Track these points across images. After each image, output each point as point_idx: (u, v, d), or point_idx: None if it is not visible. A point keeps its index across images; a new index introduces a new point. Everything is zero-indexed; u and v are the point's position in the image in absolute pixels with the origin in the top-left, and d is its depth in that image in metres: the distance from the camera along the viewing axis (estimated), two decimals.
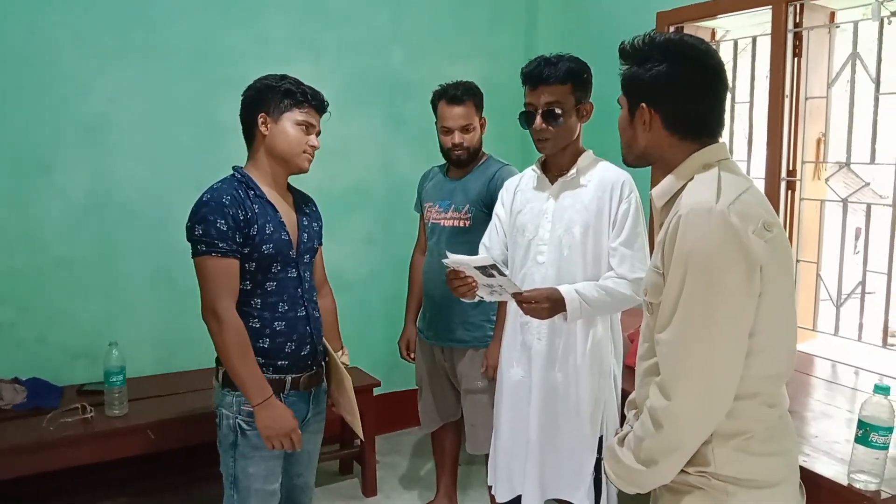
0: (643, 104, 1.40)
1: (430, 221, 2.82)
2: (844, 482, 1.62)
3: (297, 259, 2.05)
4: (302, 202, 2.17)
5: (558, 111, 2.08)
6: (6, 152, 2.92)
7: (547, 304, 2.02)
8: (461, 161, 2.71)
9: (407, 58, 3.75)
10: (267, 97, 1.99)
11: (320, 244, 2.25)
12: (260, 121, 1.99)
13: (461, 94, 2.64)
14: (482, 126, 2.73)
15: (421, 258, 2.92)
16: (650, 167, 1.52)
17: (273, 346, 1.98)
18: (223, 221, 1.88)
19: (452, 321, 2.73)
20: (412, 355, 2.97)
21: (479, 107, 2.69)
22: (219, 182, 1.98)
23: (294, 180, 2.18)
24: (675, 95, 1.39)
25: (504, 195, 2.37)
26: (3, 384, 2.83)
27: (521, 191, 2.30)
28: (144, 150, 3.14)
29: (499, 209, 2.37)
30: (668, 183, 1.42)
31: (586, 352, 2.15)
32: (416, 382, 2.99)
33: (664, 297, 1.32)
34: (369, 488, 3.30)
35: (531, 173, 2.29)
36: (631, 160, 1.52)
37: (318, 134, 2.09)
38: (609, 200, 2.11)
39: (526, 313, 2.07)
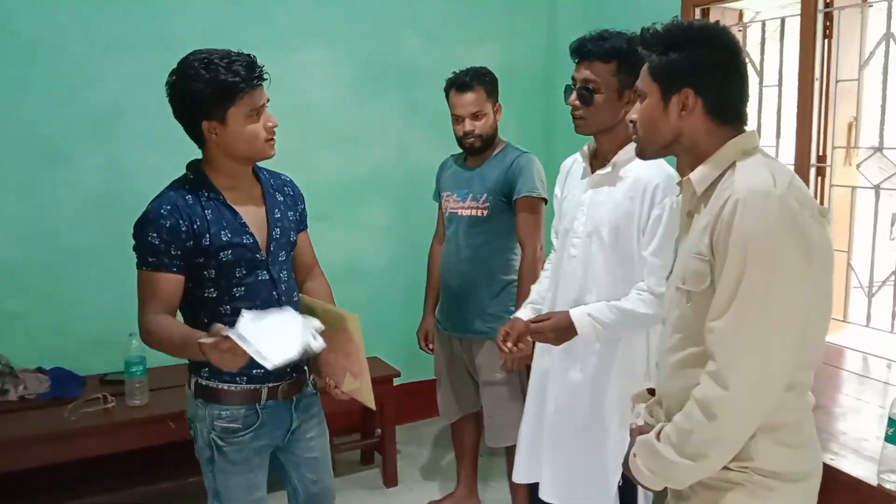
0: (687, 89, 1.38)
1: (447, 211, 2.79)
2: (874, 482, 1.56)
3: (269, 259, 1.88)
4: (275, 189, 1.96)
5: (593, 88, 1.96)
6: (20, 144, 2.94)
7: (552, 335, 2.02)
8: (475, 149, 2.67)
9: (422, 43, 3.70)
10: (201, 102, 1.73)
11: (303, 229, 2.07)
12: (206, 129, 1.77)
13: (470, 80, 2.58)
14: (496, 112, 2.67)
15: (439, 248, 2.89)
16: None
17: None
18: (154, 235, 1.74)
19: (470, 312, 2.70)
20: (430, 346, 2.95)
21: (490, 92, 2.63)
22: (169, 186, 1.84)
23: (308, 169, 2.11)
24: (721, 79, 1.38)
25: (560, 175, 2.28)
26: (26, 373, 2.87)
27: (569, 174, 2.23)
28: (157, 139, 3.12)
29: (557, 190, 2.29)
30: (707, 169, 1.39)
31: (615, 356, 2.06)
32: (434, 373, 2.97)
33: (721, 284, 1.29)
34: (390, 478, 3.29)
35: (579, 158, 2.18)
36: (652, 151, 1.49)
37: (267, 101, 1.84)
38: (640, 203, 1.97)
39: (536, 341, 2.07)
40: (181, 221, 1.75)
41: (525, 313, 2.24)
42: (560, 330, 2.01)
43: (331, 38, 3.49)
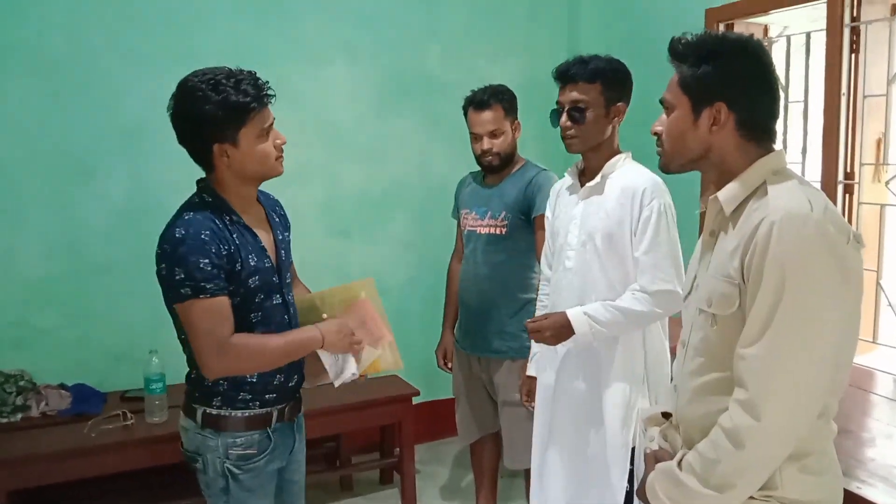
0: (720, 103, 1.34)
1: (466, 229, 2.77)
2: None
3: (280, 282, 1.86)
4: (270, 209, 1.93)
5: (583, 107, 2.07)
6: (48, 158, 3.00)
7: (549, 333, 2.07)
8: (493, 167, 2.65)
9: (444, 57, 3.71)
10: (213, 124, 1.68)
11: None
12: (217, 153, 1.71)
13: (487, 98, 2.58)
14: (515, 130, 2.66)
15: (458, 266, 2.87)
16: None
17: (261, 379, 1.81)
18: (206, 261, 1.65)
19: (489, 331, 2.67)
20: (449, 365, 2.92)
21: (508, 110, 2.62)
22: (189, 210, 1.74)
23: (331, 184, 2.10)
24: (754, 94, 1.34)
25: (551, 198, 2.38)
26: (49, 390, 2.90)
27: (559, 194, 2.32)
28: (182, 154, 3.15)
29: (548, 213, 2.38)
30: (737, 188, 1.35)
31: (614, 359, 2.12)
32: (453, 392, 2.93)
33: (754, 309, 1.24)
34: (409, 499, 3.25)
35: (567, 176, 2.28)
36: (678, 165, 1.44)
37: (274, 119, 1.80)
38: (630, 208, 2.07)
39: (535, 341, 2.13)
40: (222, 247, 1.70)
41: (534, 370, 2.37)
42: (557, 328, 2.07)
43: (353, 53, 3.52)
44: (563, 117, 2.11)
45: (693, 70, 1.36)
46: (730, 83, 1.33)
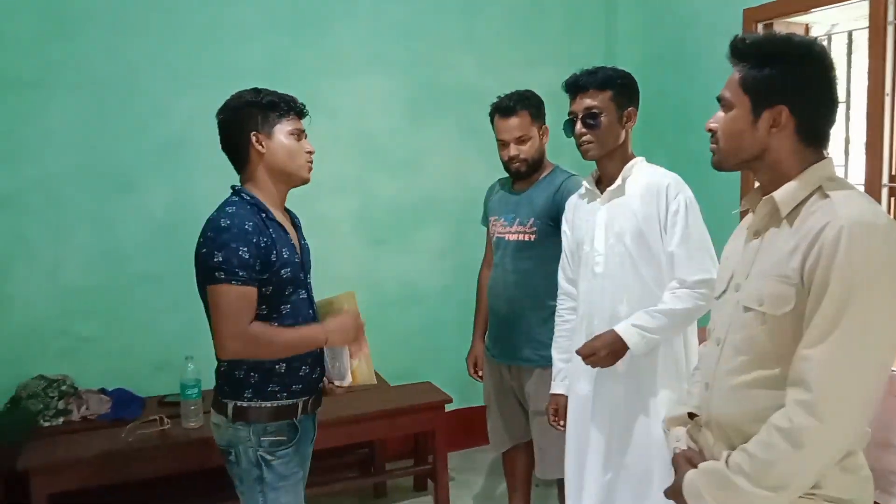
0: (781, 106, 1.33)
1: (495, 236, 2.75)
2: None
3: (305, 279, 2.01)
4: (295, 219, 2.11)
5: (597, 113, 2.12)
6: (90, 173, 3.10)
7: (604, 353, 2.06)
8: (520, 173, 2.63)
9: (479, 67, 3.71)
10: (252, 114, 1.92)
11: None
12: (253, 139, 1.91)
13: (513, 104, 2.56)
14: (542, 135, 2.63)
15: (488, 273, 2.84)
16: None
17: (290, 370, 1.92)
18: (245, 249, 1.80)
19: (518, 339, 2.64)
20: (480, 373, 2.90)
21: (535, 116, 2.59)
22: (231, 206, 1.89)
23: (366, 193, 2.14)
24: (816, 100, 1.34)
25: (567, 213, 2.39)
26: (90, 394, 2.98)
27: (575, 207, 2.33)
28: (220, 167, 3.20)
29: (565, 227, 2.39)
30: (794, 190, 1.34)
31: (657, 361, 2.12)
32: (484, 401, 2.91)
33: (820, 311, 1.24)
34: None
35: (584, 186, 2.30)
36: (731, 164, 1.44)
37: (306, 136, 2.02)
38: (657, 204, 2.10)
39: (593, 366, 2.10)
40: (261, 238, 1.84)
41: (560, 387, 2.35)
42: (610, 345, 2.07)
43: (387, 64, 3.54)
44: (578, 125, 2.15)
45: (756, 71, 1.35)
46: (794, 88, 1.32)
